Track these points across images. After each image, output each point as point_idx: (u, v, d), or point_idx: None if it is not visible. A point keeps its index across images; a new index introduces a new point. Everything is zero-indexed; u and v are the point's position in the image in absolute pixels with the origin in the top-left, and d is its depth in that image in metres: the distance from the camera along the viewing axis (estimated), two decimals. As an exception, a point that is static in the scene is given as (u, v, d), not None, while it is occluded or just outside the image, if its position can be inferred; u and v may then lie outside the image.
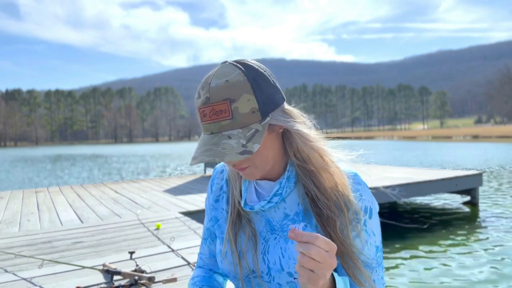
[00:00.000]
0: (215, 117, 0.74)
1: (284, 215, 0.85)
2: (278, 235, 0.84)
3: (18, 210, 5.67)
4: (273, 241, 0.84)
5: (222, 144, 0.73)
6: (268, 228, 0.86)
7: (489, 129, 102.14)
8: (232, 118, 0.74)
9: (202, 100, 0.76)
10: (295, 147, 0.82)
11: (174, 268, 2.75)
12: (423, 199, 8.92)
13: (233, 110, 0.73)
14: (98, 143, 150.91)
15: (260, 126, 0.75)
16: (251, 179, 0.83)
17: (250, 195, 0.90)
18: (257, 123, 0.75)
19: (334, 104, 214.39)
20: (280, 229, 0.85)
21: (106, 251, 3.31)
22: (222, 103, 0.73)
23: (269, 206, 0.85)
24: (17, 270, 2.80)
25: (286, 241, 0.83)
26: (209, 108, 0.75)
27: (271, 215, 0.86)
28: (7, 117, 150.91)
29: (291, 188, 0.84)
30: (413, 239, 5.88)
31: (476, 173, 8.24)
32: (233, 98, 0.73)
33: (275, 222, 0.85)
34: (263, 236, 0.86)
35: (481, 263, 4.72)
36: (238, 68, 0.76)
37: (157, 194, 6.84)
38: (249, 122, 0.75)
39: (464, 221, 6.98)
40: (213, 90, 0.74)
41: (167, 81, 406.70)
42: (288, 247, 0.82)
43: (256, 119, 0.75)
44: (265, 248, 0.85)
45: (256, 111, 0.75)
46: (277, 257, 0.82)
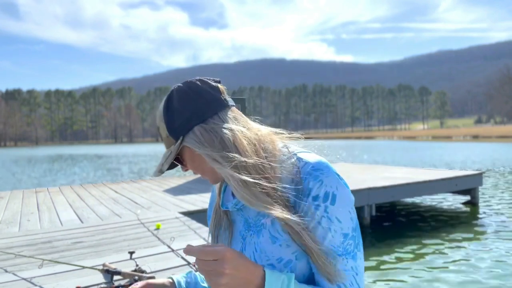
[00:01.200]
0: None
1: (256, 211, 0.87)
2: (253, 231, 0.87)
3: (18, 210, 5.67)
4: (249, 238, 0.87)
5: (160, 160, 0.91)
6: (246, 227, 0.89)
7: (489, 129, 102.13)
8: (163, 141, 0.90)
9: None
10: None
11: (174, 268, 2.75)
12: (423, 199, 8.92)
13: (161, 134, 0.90)
14: (98, 143, 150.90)
15: (173, 148, 0.86)
16: (211, 183, 0.93)
17: (227, 196, 0.96)
18: (173, 145, 0.87)
19: (334, 104, 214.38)
20: (254, 225, 0.87)
21: (106, 251, 3.31)
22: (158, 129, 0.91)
23: (242, 204, 0.88)
24: (17, 270, 2.80)
25: (258, 236, 0.85)
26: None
27: (248, 213, 0.89)
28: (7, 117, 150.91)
29: None
30: (413, 239, 5.88)
31: (476, 173, 8.25)
32: (158, 124, 0.90)
33: (250, 219, 0.88)
34: (242, 235, 0.89)
35: (481, 263, 4.72)
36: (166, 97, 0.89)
37: (157, 194, 6.84)
38: (169, 145, 0.88)
39: (464, 221, 6.98)
40: (156, 118, 0.92)
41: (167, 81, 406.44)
42: (260, 241, 0.84)
43: (171, 142, 0.87)
44: (243, 246, 0.88)
45: (168, 136, 0.87)
46: (251, 253, 0.85)
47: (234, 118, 0.86)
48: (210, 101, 0.85)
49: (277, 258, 0.81)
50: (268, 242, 0.82)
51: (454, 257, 5.00)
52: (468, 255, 5.06)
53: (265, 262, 0.81)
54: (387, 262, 4.94)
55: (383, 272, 4.60)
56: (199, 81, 0.87)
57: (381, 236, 6.22)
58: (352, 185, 6.67)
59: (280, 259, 0.81)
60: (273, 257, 0.81)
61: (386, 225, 6.92)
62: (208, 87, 0.87)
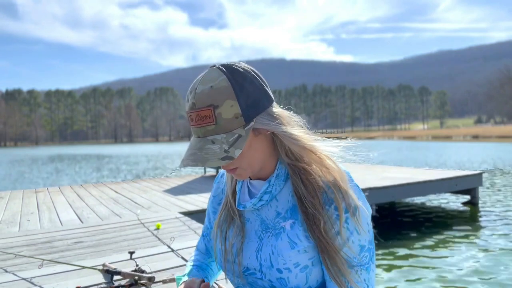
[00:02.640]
0: (200, 122, 0.77)
1: (276, 213, 0.87)
2: (271, 233, 0.86)
3: (18, 210, 5.67)
4: (266, 239, 0.86)
5: (205, 149, 0.76)
6: (262, 227, 0.89)
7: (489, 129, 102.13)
8: (216, 124, 0.76)
9: (190, 105, 0.79)
10: (286, 147, 0.84)
11: (174, 268, 2.75)
12: (423, 199, 8.92)
13: (216, 116, 0.76)
14: (98, 143, 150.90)
15: (243, 131, 0.77)
16: (241, 179, 0.85)
17: (243, 195, 0.93)
18: (240, 128, 0.77)
19: (334, 104, 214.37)
20: (273, 227, 0.87)
21: (106, 251, 3.31)
22: (206, 109, 0.76)
23: (261, 204, 0.87)
24: (17, 270, 2.80)
25: (276, 239, 0.85)
26: (195, 114, 0.77)
27: (265, 214, 0.89)
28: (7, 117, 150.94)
29: (281, 186, 0.87)
30: (413, 239, 5.88)
31: (476, 173, 8.24)
32: (217, 104, 0.76)
33: (268, 221, 0.88)
34: (258, 235, 0.88)
35: (481, 263, 4.72)
36: (224, 73, 0.78)
37: (157, 194, 6.84)
38: (232, 127, 0.77)
39: (464, 221, 6.98)
40: (198, 96, 0.77)
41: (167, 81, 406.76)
42: (278, 244, 0.84)
43: (239, 124, 0.77)
44: (259, 246, 0.87)
45: (240, 116, 0.77)
46: (267, 254, 0.84)
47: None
48: (269, 89, 0.85)
49: (294, 262, 0.81)
50: (287, 246, 0.82)
51: (454, 257, 4.99)
52: (468, 255, 5.05)
53: (282, 265, 0.82)
54: (387, 262, 4.94)
55: (383, 272, 4.60)
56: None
57: (381, 236, 6.22)
58: (352, 185, 6.66)
59: (297, 264, 0.81)
60: (290, 261, 0.81)
61: (386, 225, 6.92)
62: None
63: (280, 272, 0.81)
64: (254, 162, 0.83)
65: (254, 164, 0.83)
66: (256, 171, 0.85)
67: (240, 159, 0.80)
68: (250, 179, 0.92)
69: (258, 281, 0.86)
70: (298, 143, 0.81)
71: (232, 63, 0.81)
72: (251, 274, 0.86)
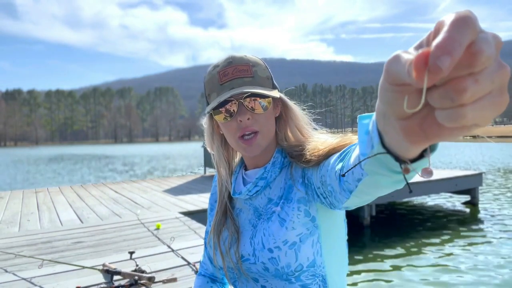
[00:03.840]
0: (238, 74, 0.83)
1: (268, 199, 0.89)
2: (263, 218, 0.88)
3: (18, 210, 5.67)
4: (260, 225, 0.88)
5: (248, 87, 0.82)
6: (256, 215, 0.91)
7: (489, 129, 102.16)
8: (253, 77, 0.84)
9: (224, 65, 0.84)
10: (287, 131, 0.90)
11: (174, 268, 2.75)
12: (423, 199, 8.92)
13: (253, 71, 0.84)
14: (98, 143, 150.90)
15: (274, 92, 0.85)
16: (255, 151, 0.86)
17: (238, 185, 0.95)
18: (270, 88, 0.86)
19: (334, 104, 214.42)
20: (265, 213, 0.89)
21: (106, 251, 3.31)
22: (245, 65, 0.84)
23: (256, 191, 0.89)
24: (17, 270, 2.80)
25: (268, 221, 0.86)
26: (231, 68, 0.83)
27: (258, 202, 0.91)
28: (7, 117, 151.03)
29: (276, 173, 0.89)
30: (413, 239, 5.88)
31: (476, 173, 8.25)
32: (253, 64, 0.85)
33: (261, 208, 0.90)
34: (252, 223, 0.90)
35: (481, 263, 4.72)
36: (256, 57, 0.89)
37: (157, 194, 6.84)
38: (265, 85, 0.85)
39: (464, 221, 6.98)
40: (234, 57, 0.85)
41: (167, 81, 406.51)
42: (269, 225, 0.85)
43: (270, 85, 0.86)
44: (253, 233, 0.89)
45: (270, 79, 0.87)
46: (259, 238, 0.86)
47: None
48: None
49: (283, 240, 0.82)
50: (277, 226, 0.84)
51: (454, 257, 4.99)
52: (468, 255, 5.05)
53: (272, 244, 0.83)
54: (387, 262, 4.94)
55: (383, 272, 4.60)
56: None
57: (381, 236, 6.22)
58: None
59: (286, 241, 0.82)
60: (279, 240, 0.83)
61: (386, 225, 6.92)
62: None
63: (271, 251, 0.83)
64: (271, 131, 0.88)
65: (270, 134, 0.88)
66: (267, 144, 0.88)
67: (264, 121, 0.85)
68: (245, 170, 0.95)
69: (252, 267, 0.87)
70: (303, 124, 0.88)
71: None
72: (245, 261, 0.88)
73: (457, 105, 0.28)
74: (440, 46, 0.27)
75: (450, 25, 0.28)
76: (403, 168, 0.42)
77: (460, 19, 0.28)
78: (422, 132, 0.33)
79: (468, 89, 0.28)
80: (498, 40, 0.29)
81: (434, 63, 0.27)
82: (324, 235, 0.85)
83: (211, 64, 0.88)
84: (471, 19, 0.28)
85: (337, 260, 0.88)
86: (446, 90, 0.28)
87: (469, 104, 0.28)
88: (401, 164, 0.41)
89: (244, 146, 0.84)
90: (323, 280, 0.85)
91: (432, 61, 0.27)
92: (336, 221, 0.88)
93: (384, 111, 0.36)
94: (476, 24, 0.28)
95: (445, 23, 0.28)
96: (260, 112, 0.83)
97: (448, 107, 0.29)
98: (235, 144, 0.86)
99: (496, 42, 0.29)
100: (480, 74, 0.28)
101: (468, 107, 0.28)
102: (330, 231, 0.86)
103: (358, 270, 4.68)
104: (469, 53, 0.27)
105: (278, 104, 0.90)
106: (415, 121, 0.33)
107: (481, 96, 0.29)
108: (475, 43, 0.28)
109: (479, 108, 0.29)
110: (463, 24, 0.28)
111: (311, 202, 0.83)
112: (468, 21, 0.28)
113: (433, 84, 0.29)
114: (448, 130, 0.31)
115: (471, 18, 0.28)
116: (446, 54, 0.27)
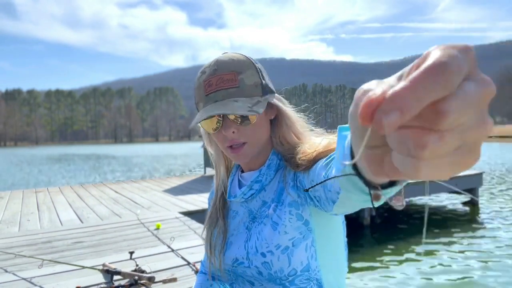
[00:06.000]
0: (222, 85, 0.79)
1: (262, 202, 0.89)
2: (258, 222, 0.88)
3: (18, 210, 5.67)
4: (254, 229, 0.88)
5: (230, 104, 0.78)
6: (250, 218, 0.90)
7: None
8: (238, 87, 0.79)
9: (209, 73, 0.81)
10: (282, 134, 0.86)
11: (174, 268, 2.75)
12: (423, 199, 8.92)
13: (239, 80, 0.79)
14: (98, 143, 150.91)
15: (261, 99, 0.81)
16: (243, 160, 0.85)
17: (234, 188, 0.95)
18: (259, 96, 0.81)
19: (334, 104, 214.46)
20: (259, 216, 0.88)
21: (106, 251, 3.31)
22: (230, 73, 0.80)
23: (251, 194, 0.89)
24: (17, 270, 2.80)
25: (261, 225, 0.86)
26: (216, 78, 0.80)
27: (252, 205, 0.90)
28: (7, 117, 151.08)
29: (271, 176, 0.88)
30: (413, 239, 5.88)
31: (476, 173, 8.25)
32: (240, 70, 0.80)
33: (255, 211, 0.89)
34: (247, 226, 0.90)
35: (481, 263, 4.72)
36: (239, 54, 0.84)
37: (157, 194, 6.84)
38: (252, 94, 0.80)
39: (464, 221, 6.98)
40: (220, 63, 0.81)
41: (167, 81, 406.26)
42: (262, 229, 0.84)
43: (258, 92, 0.81)
44: (248, 237, 0.88)
45: (259, 85, 0.81)
46: (254, 241, 0.86)
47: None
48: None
49: (275, 245, 0.82)
50: (270, 230, 0.83)
51: (454, 257, 4.99)
52: (468, 255, 5.06)
53: (265, 249, 0.82)
54: (387, 262, 4.94)
55: (383, 272, 4.60)
56: None
57: (381, 236, 6.23)
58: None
59: (278, 246, 0.82)
60: (272, 244, 0.82)
61: (386, 225, 6.92)
62: None
63: (264, 256, 0.82)
64: (260, 140, 0.85)
65: (260, 142, 0.86)
66: (258, 152, 0.86)
67: (252, 131, 0.82)
68: (241, 172, 0.94)
69: (246, 270, 0.86)
70: (295, 129, 0.85)
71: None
72: (240, 264, 0.87)
73: (413, 156, 0.24)
74: (393, 99, 0.23)
75: (420, 72, 0.23)
76: (373, 194, 0.40)
77: (434, 67, 0.22)
78: (382, 166, 0.29)
79: (428, 146, 0.23)
80: (488, 92, 0.24)
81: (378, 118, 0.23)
82: (319, 238, 0.83)
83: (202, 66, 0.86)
84: (449, 69, 0.22)
85: (334, 263, 0.87)
86: (404, 137, 0.24)
87: (427, 159, 0.24)
88: (370, 189, 0.39)
89: (233, 155, 0.84)
90: (318, 284, 0.83)
91: (378, 116, 0.23)
92: (332, 224, 0.86)
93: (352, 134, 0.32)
94: (453, 76, 0.22)
95: (422, 64, 0.23)
96: (246, 125, 0.81)
97: (405, 154, 0.25)
98: (225, 152, 0.86)
99: (484, 94, 0.24)
100: (448, 132, 0.23)
101: (424, 163, 0.24)
102: (326, 234, 0.85)
103: (358, 270, 4.68)
104: (434, 111, 0.23)
105: (272, 106, 0.86)
106: (379, 152, 0.29)
107: (443, 154, 0.24)
108: (445, 101, 0.23)
109: (437, 167, 0.25)
110: (434, 74, 0.22)
111: (304, 205, 0.81)
112: (443, 72, 0.22)
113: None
114: (404, 175, 0.27)
115: (450, 67, 0.22)
116: (395, 110, 0.23)
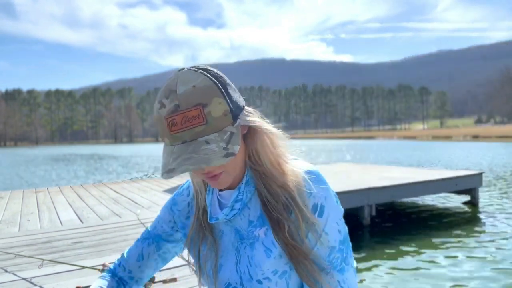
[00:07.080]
0: (188, 124, 0.70)
1: (248, 222, 0.84)
2: (246, 243, 0.84)
3: (18, 210, 5.67)
4: (243, 250, 0.84)
5: (202, 150, 0.70)
6: (238, 238, 0.85)
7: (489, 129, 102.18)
8: (206, 123, 0.71)
9: (170, 109, 0.71)
10: (251, 149, 0.81)
11: (174, 268, 2.75)
12: (423, 199, 8.92)
13: (206, 115, 0.70)
14: (98, 143, 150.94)
15: (234, 129, 0.74)
16: (220, 187, 0.80)
17: (214, 208, 0.89)
18: (230, 125, 0.73)
19: (334, 104, 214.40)
20: (247, 237, 0.84)
21: (106, 251, 3.31)
22: (194, 109, 0.70)
23: (233, 214, 0.84)
24: (17, 270, 2.80)
25: (252, 249, 0.82)
26: (180, 116, 0.70)
27: (239, 224, 0.85)
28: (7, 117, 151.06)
29: (251, 192, 0.83)
30: (413, 239, 5.88)
31: (476, 173, 8.24)
32: (205, 102, 0.70)
33: (243, 231, 0.85)
34: (235, 247, 0.86)
35: (481, 263, 4.72)
36: (201, 74, 0.73)
37: (157, 194, 6.84)
38: (223, 126, 0.72)
39: (464, 221, 6.98)
40: (181, 96, 0.70)
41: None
42: (254, 254, 0.81)
43: (229, 121, 0.73)
44: (237, 259, 0.84)
45: (228, 113, 0.73)
46: (245, 267, 0.82)
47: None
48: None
49: (272, 270, 0.79)
50: (263, 256, 0.80)
51: (454, 257, 4.99)
52: (468, 255, 5.06)
53: (261, 276, 0.79)
54: (387, 262, 4.94)
55: (383, 272, 4.60)
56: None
57: (381, 236, 6.23)
58: (351, 185, 6.67)
59: (275, 271, 0.79)
60: (268, 270, 0.79)
61: (386, 225, 6.92)
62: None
63: (260, 283, 0.80)
64: (237, 165, 0.79)
65: (237, 167, 0.80)
66: (235, 175, 0.81)
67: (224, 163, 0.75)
68: (220, 191, 0.89)
69: None
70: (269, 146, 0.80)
71: (203, 65, 0.77)
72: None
73: None
74: None
75: None
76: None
77: None
78: None
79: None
80: None
81: None
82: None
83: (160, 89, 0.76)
84: None
85: None
86: None
87: None
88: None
89: (211, 183, 0.79)
90: None
91: None
92: None
93: None
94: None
95: None
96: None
97: None
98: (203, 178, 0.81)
99: None
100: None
101: None
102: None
103: (357, 271, 4.68)
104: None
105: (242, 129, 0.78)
106: None
107: None
108: None
109: None
110: None
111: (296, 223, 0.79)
112: None
113: None
114: None
115: None
116: None
